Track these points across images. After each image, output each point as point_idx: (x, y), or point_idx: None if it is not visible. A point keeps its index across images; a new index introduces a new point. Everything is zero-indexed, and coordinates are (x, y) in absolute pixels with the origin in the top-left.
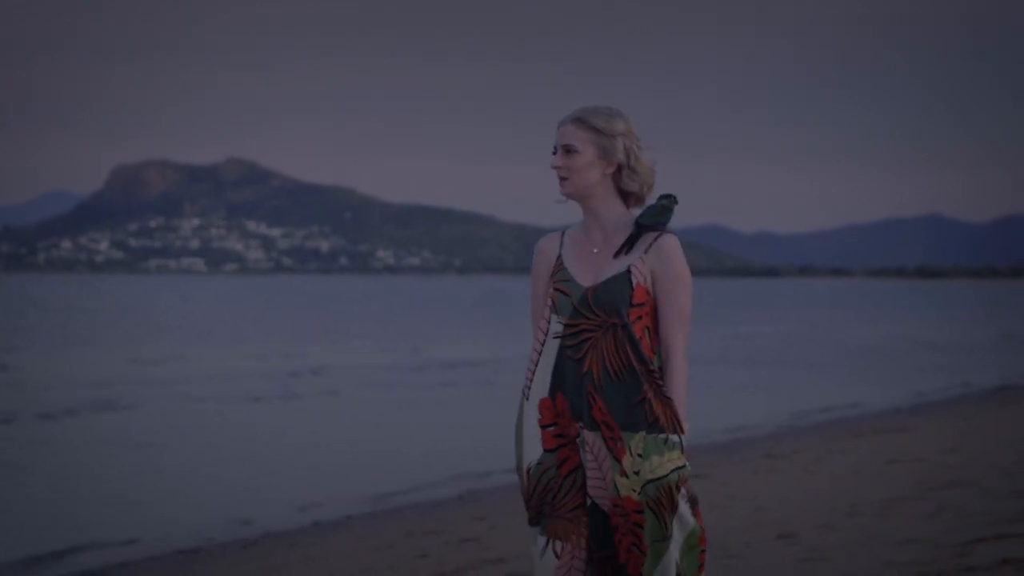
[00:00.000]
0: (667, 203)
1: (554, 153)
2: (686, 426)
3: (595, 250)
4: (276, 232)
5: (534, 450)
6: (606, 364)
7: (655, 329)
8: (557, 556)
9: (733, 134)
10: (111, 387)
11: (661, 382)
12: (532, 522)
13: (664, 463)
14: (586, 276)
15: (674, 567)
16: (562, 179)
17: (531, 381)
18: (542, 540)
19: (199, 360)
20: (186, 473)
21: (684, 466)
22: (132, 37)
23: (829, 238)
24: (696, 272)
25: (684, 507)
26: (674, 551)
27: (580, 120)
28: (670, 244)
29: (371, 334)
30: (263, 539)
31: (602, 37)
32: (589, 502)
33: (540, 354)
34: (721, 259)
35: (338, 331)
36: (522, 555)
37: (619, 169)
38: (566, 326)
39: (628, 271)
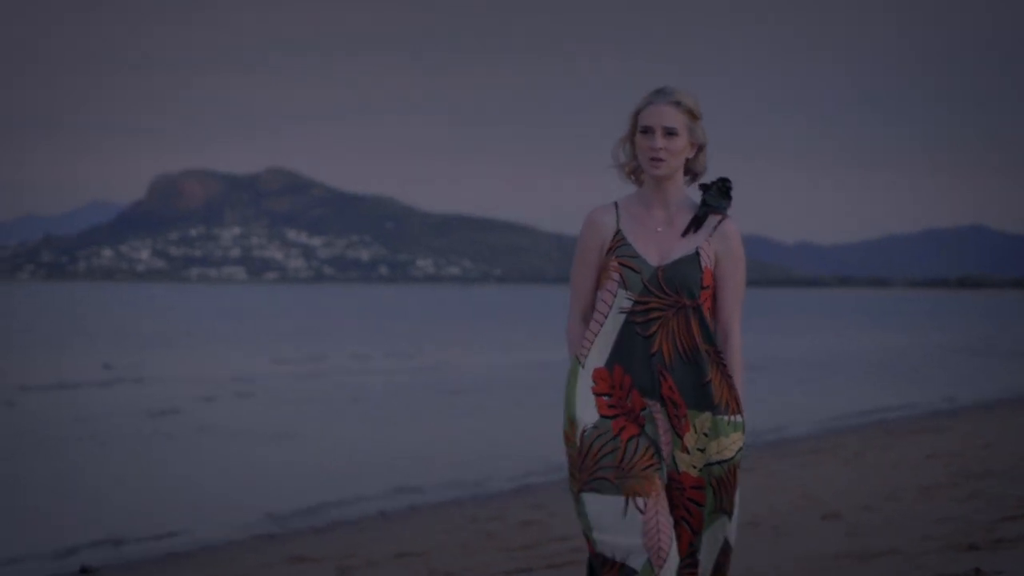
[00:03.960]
0: (727, 186)
1: (643, 132)
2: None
3: (659, 228)
4: (317, 241)
5: (590, 414)
6: (676, 344)
7: (714, 310)
8: (641, 511)
9: (773, 143)
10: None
11: (725, 364)
12: (584, 488)
13: (730, 444)
14: (652, 254)
15: (722, 541)
16: (659, 160)
17: (588, 349)
18: (617, 500)
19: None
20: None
21: (744, 446)
22: (172, 47)
23: (870, 248)
24: None
25: (739, 492)
26: (726, 528)
27: (678, 103)
28: (734, 229)
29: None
30: (333, 526)
31: (639, 42)
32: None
33: (602, 325)
34: (764, 269)
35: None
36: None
37: (698, 151)
38: (635, 302)
39: (697, 253)
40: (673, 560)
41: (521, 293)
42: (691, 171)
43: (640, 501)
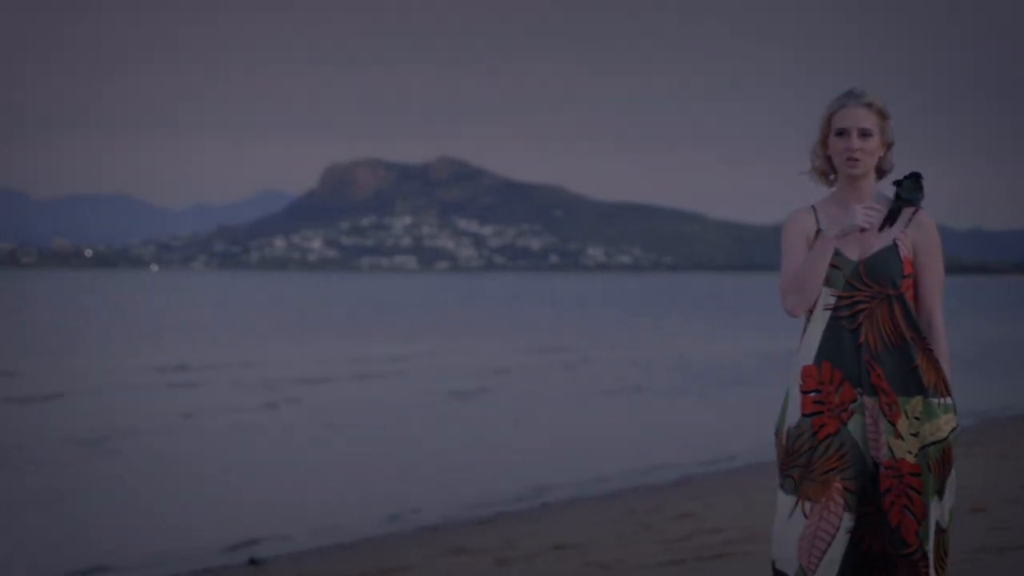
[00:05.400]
0: (919, 180)
1: (838, 134)
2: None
3: None
4: (487, 230)
5: (794, 413)
6: (882, 333)
7: (915, 298)
8: (805, 516)
9: (945, 132)
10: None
11: (931, 349)
12: (783, 486)
13: (942, 425)
14: (852, 250)
15: (934, 525)
16: (855, 160)
17: (798, 349)
18: (790, 500)
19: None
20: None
21: (957, 426)
22: (346, 40)
23: None
24: None
25: (955, 473)
26: (940, 511)
27: (870, 104)
28: (928, 219)
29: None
30: (496, 518)
31: (802, 37)
32: (871, 462)
33: (809, 321)
34: None
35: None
36: (739, 526)
37: (888, 149)
38: (839, 298)
39: (895, 244)
40: (828, 569)
41: (697, 281)
42: (880, 169)
43: (808, 506)
